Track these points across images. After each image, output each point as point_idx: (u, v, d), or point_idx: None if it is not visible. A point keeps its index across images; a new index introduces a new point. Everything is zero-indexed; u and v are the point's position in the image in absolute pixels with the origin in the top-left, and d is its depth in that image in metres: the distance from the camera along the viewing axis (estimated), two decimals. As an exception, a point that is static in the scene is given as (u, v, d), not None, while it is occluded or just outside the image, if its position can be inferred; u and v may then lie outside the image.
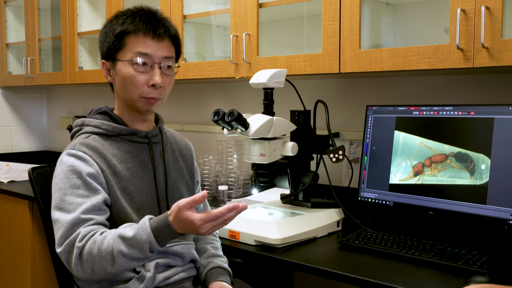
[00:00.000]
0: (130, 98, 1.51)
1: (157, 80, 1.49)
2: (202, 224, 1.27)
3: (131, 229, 1.32)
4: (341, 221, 1.89)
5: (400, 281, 1.36)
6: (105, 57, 1.54)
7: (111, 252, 1.30)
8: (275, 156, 1.81)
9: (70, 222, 1.36)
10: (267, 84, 1.78)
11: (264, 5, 2.10)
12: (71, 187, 1.41)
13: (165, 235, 1.30)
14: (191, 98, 2.94)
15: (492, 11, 1.50)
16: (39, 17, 3.31)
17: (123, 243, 1.30)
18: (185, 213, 1.27)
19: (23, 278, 2.71)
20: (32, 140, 3.92)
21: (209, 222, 1.28)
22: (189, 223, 1.27)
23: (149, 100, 1.51)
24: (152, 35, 1.48)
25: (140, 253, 1.30)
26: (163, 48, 1.51)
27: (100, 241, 1.32)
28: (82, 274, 1.34)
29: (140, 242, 1.29)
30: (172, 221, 1.29)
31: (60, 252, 1.36)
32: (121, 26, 1.49)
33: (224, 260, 1.63)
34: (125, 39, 1.49)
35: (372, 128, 1.92)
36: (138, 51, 1.48)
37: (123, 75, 1.49)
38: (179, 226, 1.29)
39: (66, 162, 1.45)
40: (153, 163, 1.56)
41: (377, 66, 1.76)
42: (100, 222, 1.40)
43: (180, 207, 1.27)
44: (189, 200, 1.27)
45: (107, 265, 1.31)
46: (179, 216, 1.28)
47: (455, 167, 1.70)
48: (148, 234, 1.29)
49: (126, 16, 1.50)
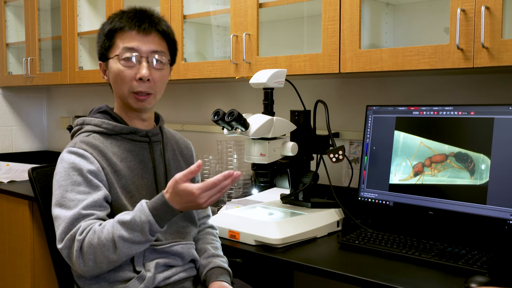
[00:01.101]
0: (122, 94, 1.53)
1: (144, 73, 1.49)
2: (200, 194, 1.28)
3: (129, 213, 1.33)
4: (341, 221, 1.89)
5: (400, 281, 1.36)
6: (101, 58, 1.57)
7: (111, 239, 1.31)
8: (275, 156, 1.81)
9: (70, 218, 1.36)
10: (267, 84, 1.78)
11: (264, 5, 2.10)
12: (72, 184, 1.41)
13: (163, 214, 1.31)
14: (191, 98, 2.94)
15: (492, 11, 1.50)
16: (39, 17, 3.31)
17: (122, 227, 1.31)
18: (182, 185, 1.28)
19: (23, 278, 2.71)
20: (32, 140, 3.92)
21: (207, 191, 1.29)
22: (187, 194, 1.28)
23: (138, 97, 1.51)
24: (137, 30, 1.50)
25: (141, 236, 1.31)
26: (150, 41, 1.52)
27: (100, 230, 1.32)
28: (84, 267, 1.34)
29: (140, 224, 1.29)
30: (169, 198, 1.30)
31: (61, 247, 1.36)
32: (110, 25, 1.52)
33: (224, 260, 1.63)
34: (114, 37, 1.52)
35: (372, 128, 1.92)
36: (124, 46, 1.50)
37: (113, 71, 1.52)
38: (177, 200, 1.29)
39: (67, 159, 1.45)
40: (153, 162, 1.57)
41: (377, 66, 1.76)
42: (101, 217, 1.40)
43: (177, 180, 1.28)
44: (185, 172, 1.29)
45: (109, 253, 1.32)
46: (176, 190, 1.28)
47: (455, 167, 1.70)
48: (146, 214, 1.30)
49: (115, 15, 1.54)
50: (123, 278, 1.45)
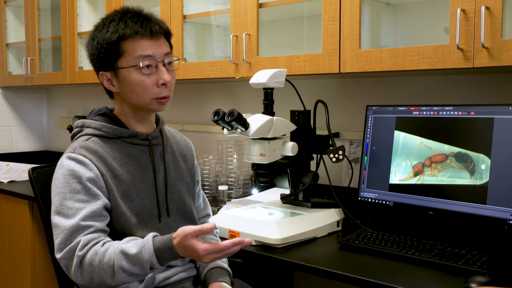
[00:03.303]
0: (143, 102, 1.49)
1: (166, 78, 1.48)
2: (205, 255, 1.28)
3: (134, 246, 1.32)
4: (341, 221, 1.89)
5: (400, 281, 1.36)
6: (103, 68, 1.50)
7: (112, 266, 1.31)
8: (275, 156, 1.81)
9: (70, 229, 1.36)
10: (267, 84, 1.78)
11: (264, 5, 2.10)
12: (70, 192, 1.40)
13: (167, 256, 1.32)
14: (191, 98, 2.94)
15: (492, 11, 1.50)
16: (39, 17, 3.31)
17: (125, 259, 1.31)
18: (190, 241, 1.28)
19: (23, 278, 2.71)
20: (32, 140, 3.92)
21: (212, 254, 1.29)
22: (193, 250, 1.28)
23: (161, 100, 1.50)
24: (149, 35, 1.47)
25: (141, 271, 1.32)
26: (162, 45, 1.50)
27: (102, 254, 1.33)
28: (81, 281, 1.36)
29: (142, 261, 1.30)
30: (176, 245, 1.30)
31: (60, 258, 1.37)
32: (115, 33, 1.45)
33: (224, 260, 1.63)
34: (123, 46, 1.46)
35: (372, 128, 1.92)
36: (140, 54, 1.46)
37: (130, 81, 1.47)
38: (182, 251, 1.30)
39: (66, 165, 1.44)
40: (153, 165, 1.56)
41: (377, 66, 1.76)
42: (100, 228, 1.40)
43: (186, 234, 1.28)
44: (196, 229, 1.28)
45: (107, 278, 1.32)
46: (183, 243, 1.29)
47: (455, 167, 1.70)
48: (150, 254, 1.30)
49: (116, 22, 1.47)
50: (123, 278, 1.45)
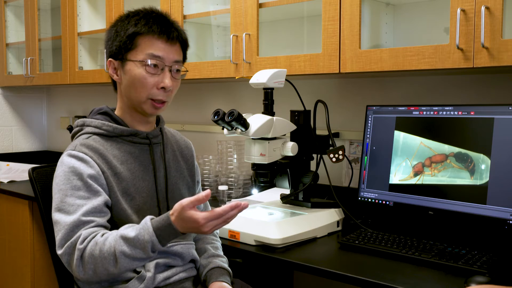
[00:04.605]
0: (137, 99, 1.51)
1: (168, 83, 1.49)
2: (206, 223, 1.28)
3: (133, 230, 1.32)
4: (341, 221, 1.89)
5: (400, 281, 1.36)
6: (113, 56, 1.53)
7: (113, 253, 1.31)
8: (275, 156, 1.81)
9: (70, 224, 1.36)
10: (267, 84, 1.78)
11: (264, 5, 2.10)
12: (71, 189, 1.41)
13: (167, 235, 1.31)
14: (191, 98, 2.94)
15: (492, 11, 1.50)
16: (39, 17, 3.31)
17: (125, 243, 1.31)
18: (188, 212, 1.28)
19: (23, 278, 2.71)
20: (32, 140, 3.92)
21: (212, 221, 1.29)
22: (192, 221, 1.28)
23: (155, 104, 1.51)
24: (165, 38, 1.49)
25: (142, 253, 1.31)
26: (174, 51, 1.51)
27: (102, 242, 1.32)
28: (83, 275, 1.35)
29: (143, 242, 1.30)
30: (174, 221, 1.30)
31: (61, 254, 1.36)
32: (134, 27, 1.48)
33: (224, 260, 1.63)
34: (138, 40, 1.48)
35: (372, 128, 1.92)
36: (150, 53, 1.47)
37: (133, 75, 1.49)
38: (182, 225, 1.30)
39: (67, 163, 1.44)
40: (153, 164, 1.56)
41: (377, 66, 1.76)
42: (101, 224, 1.40)
43: (183, 206, 1.28)
44: (193, 199, 1.28)
45: (109, 266, 1.32)
46: (182, 215, 1.28)
47: (455, 167, 1.70)
48: (150, 234, 1.30)
49: (139, 17, 1.50)
50: (123, 278, 1.45)
